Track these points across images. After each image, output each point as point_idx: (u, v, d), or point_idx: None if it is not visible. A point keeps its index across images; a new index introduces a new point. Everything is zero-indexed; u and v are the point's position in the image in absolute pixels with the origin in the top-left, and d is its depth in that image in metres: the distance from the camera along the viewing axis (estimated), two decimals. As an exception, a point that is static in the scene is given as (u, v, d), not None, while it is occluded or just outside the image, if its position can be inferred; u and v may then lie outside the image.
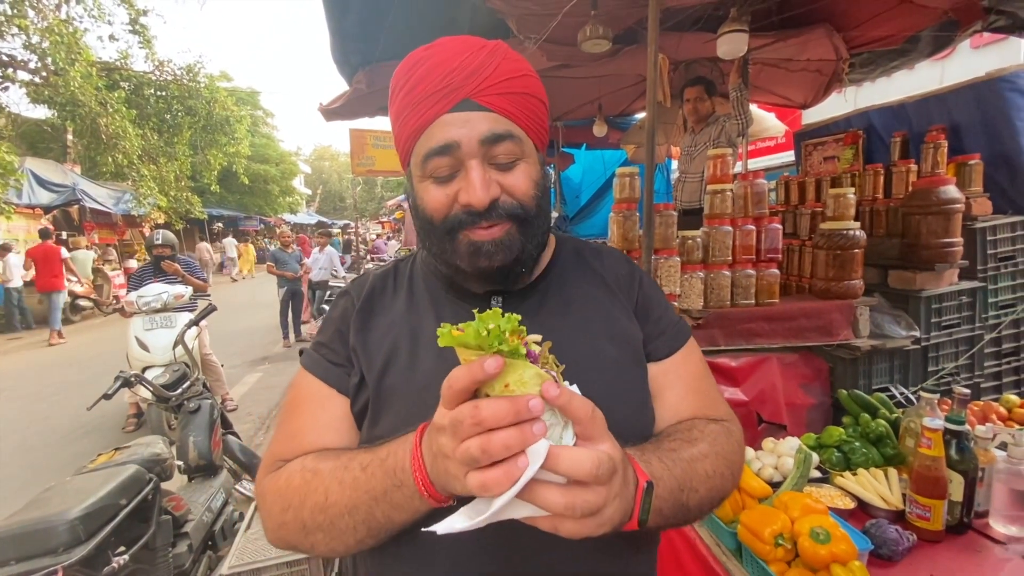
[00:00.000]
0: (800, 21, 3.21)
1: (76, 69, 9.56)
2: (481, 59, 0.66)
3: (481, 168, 0.66)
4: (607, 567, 0.69)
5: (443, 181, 0.67)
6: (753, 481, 1.39)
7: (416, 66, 0.67)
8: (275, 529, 0.68)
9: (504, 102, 0.67)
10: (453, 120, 0.65)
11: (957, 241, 2.32)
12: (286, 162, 24.85)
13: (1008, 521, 1.25)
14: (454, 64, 0.65)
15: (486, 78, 0.65)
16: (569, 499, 0.46)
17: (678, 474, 0.63)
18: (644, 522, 0.55)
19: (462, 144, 0.65)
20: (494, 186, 0.66)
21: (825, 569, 1.08)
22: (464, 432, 0.46)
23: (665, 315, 0.83)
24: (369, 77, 3.42)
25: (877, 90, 4.84)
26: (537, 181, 0.70)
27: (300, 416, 0.74)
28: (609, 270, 0.84)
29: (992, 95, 2.73)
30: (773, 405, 2.18)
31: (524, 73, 0.70)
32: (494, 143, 0.66)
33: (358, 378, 0.73)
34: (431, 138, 0.66)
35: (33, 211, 11.38)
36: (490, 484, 0.45)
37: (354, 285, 0.84)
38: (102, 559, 1.52)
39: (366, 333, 0.76)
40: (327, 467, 0.64)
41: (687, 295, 2.23)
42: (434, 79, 0.65)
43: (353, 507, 0.61)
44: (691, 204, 3.50)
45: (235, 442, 2.98)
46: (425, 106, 0.66)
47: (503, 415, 0.45)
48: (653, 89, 2.21)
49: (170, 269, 4.61)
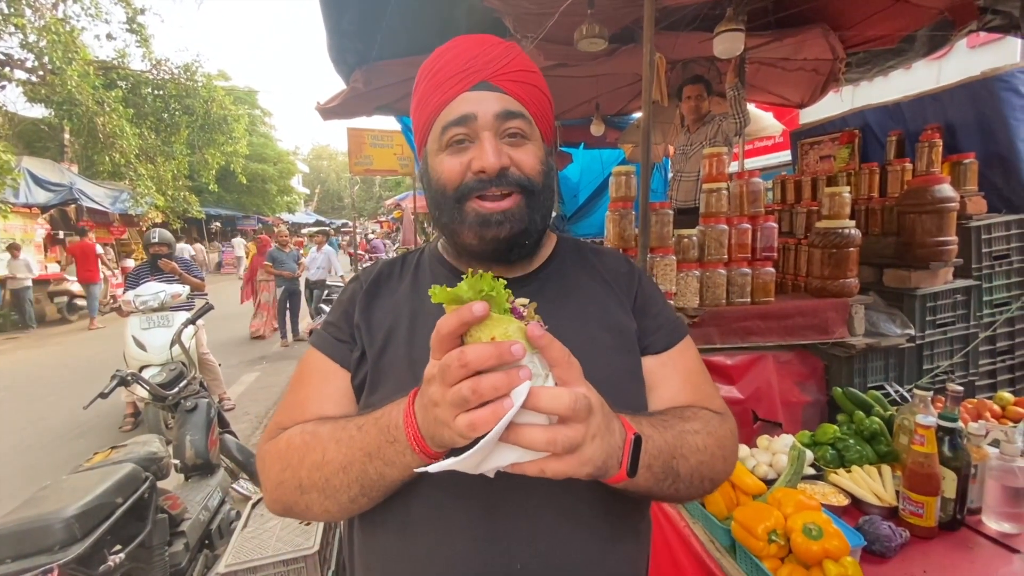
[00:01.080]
0: (796, 20, 3.21)
1: (73, 68, 9.54)
2: (499, 51, 0.75)
3: (494, 139, 0.72)
4: (598, 556, 0.70)
5: (458, 151, 0.73)
6: (747, 478, 1.40)
7: (440, 56, 0.76)
8: (272, 489, 0.71)
9: (517, 88, 0.74)
10: (471, 97, 0.73)
11: (952, 240, 2.33)
12: (284, 161, 24.82)
13: (1001, 518, 1.26)
14: (475, 52, 0.74)
15: (504, 65, 0.74)
16: (550, 435, 0.50)
17: (669, 439, 0.66)
18: (633, 474, 0.58)
19: (478, 116, 0.72)
20: (505, 156, 0.72)
21: (818, 565, 1.08)
22: (452, 376, 0.49)
23: (663, 312, 0.85)
24: (366, 76, 3.42)
25: (874, 89, 4.86)
26: (543, 161, 0.77)
27: (304, 388, 0.79)
28: (608, 267, 0.87)
29: (987, 94, 2.74)
30: (768, 403, 2.18)
31: (535, 71, 0.78)
32: (507, 119, 0.73)
33: (359, 352, 0.77)
34: (451, 112, 0.73)
35: (30, 210, 11.33)
36: (478, 423, 0.48)
37: (364, 271, 0.89)
38: (98, 557, 1.53)
39: (370, 312, 0.80)
40: (326, 429, 0.68)
41: (683, 294, 2.24)
42: (457, 63, 0.73)
43: (348, 463, 0.63)
44: (687, 203, 3.50)
45: (232, 441, 2.98)
46: (448, 85, 0.73)
47: (487, 357, 0.48)
48: (649, 88, 2.21)
49: (167, 268, 4.60)
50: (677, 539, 1.44)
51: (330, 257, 8.29)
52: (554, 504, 0.68)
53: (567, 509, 0.69)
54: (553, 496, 0.68)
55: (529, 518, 0.67)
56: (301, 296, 8.17)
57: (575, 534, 0.69)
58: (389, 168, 9.07)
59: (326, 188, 46.91)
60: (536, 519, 0.67)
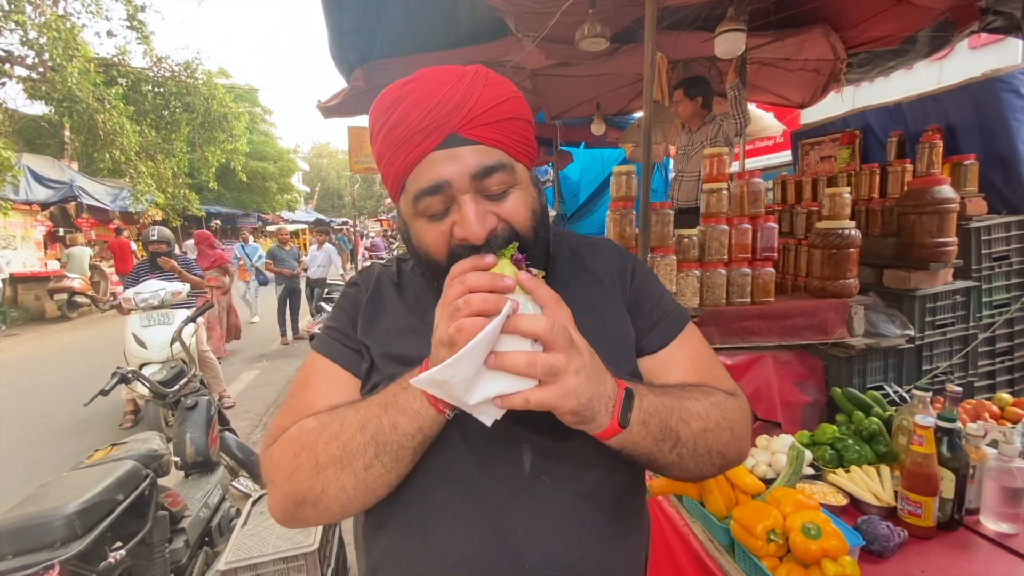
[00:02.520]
0: (798, 20, 3.21)
1: (73, 65, 9.50)
2: (463, 91, 0.64)
3: (474, 202, 0.65)
4: (604, 555, 0.70)
5: (437, 218, 0.67)
6: (746, 477, 1.40)
7: (395, 105, 0.65)
8: (284, 482, 0.67)
9: (491, 132, 0.65)
10: (441, 158, 0.64)
11: (952, 241, 2.33)
12: (284, 159, 24.76)
13: (999, 518, 1.26)
14: (435, 100, 0.63)
15: (470, 110, 0.64)
16: (531, 357, 0.54)
17: (667, 402, 0.66)
18: (624, 423, 0.60)
19: (453, 182, 0.64)
20: (490, 217, 0.66)
21: (816, 564, 1.09)
22: (450, 295, 0.57)
23: (658, 305, 0.82)
24: (367, 74, 3.42)
25: (874, 90, 4.86)
26: (532, 206, 0.70)
27: (311, 391, 0.76)
28: (603, 266, 0.84)
29: (988, 95, 2.74)
30: (768, 403, 2.19)
31: (507, 96, 0.68)
32: (485, 176, 0.65)
33: (368, 364, 0.77)
34: (420, 178, 0.65)
35: (30, 207, 11.33)
36: (466, 326, 0.54)
37: (362, 276, 0.87)
38: (99, 554, 1.53)
39: (374, 325, 0.79)
40: (342, 407, 0.69)
41: (683, 293, 2.24)
42: (416, 117, 0.64)
43: (365, 421, 0.65)
44: (688, 203, 3.50)
45: (232, 439, 2.98)
46: (409, 146, 0.65)
47: (482, 281, 0.56)
48: (650, 88, 2.22)
49: (167, 265, 4.60)
50: (676, 538, 1.45)
51: (330, 255, 8.29)
52: (563, 504, 0.68)
53: (575, 509, 0.69)
54: (562, 496, 0.69)
55: (538, 518, 0.67)
56: (301, 294, 8.16)
57: (582, 533, 0.69)
58: (389, 166, 9.06)
59: (326, 186, 46.85)
60: (545, 519, 0.68)
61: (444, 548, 0.68)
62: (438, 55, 3.30)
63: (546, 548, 0.67)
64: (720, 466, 0.73)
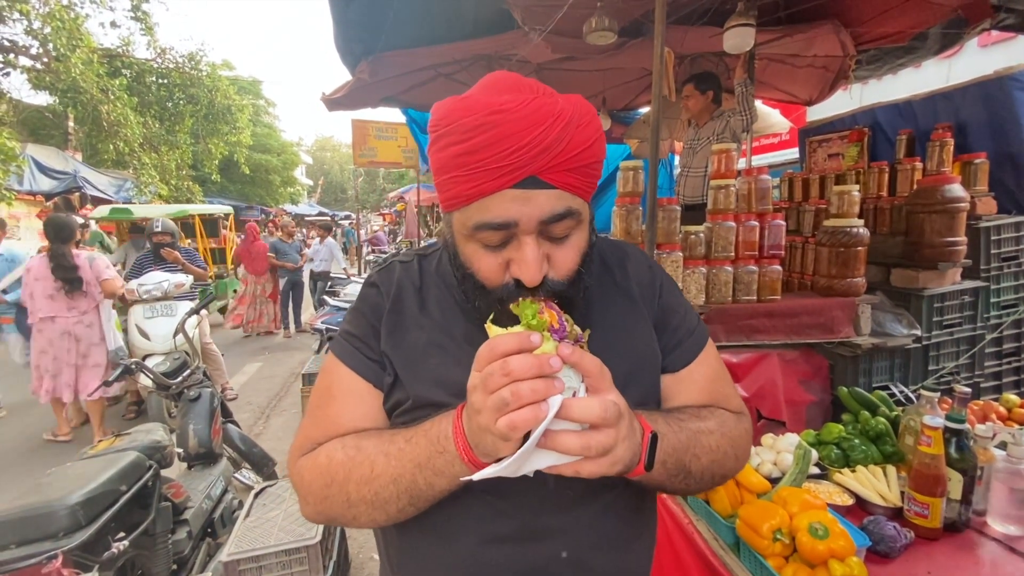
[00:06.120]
0: (807, 16, 3.17)
1: (77, 55, 9.49)
2: (554, 135, 0.60)
3: (536, 245, 0.63)
4: (624, 552, 0.75)
5: (493, 248, 0.65)
6: (752, 477, 1.39)
7: (477, 130, 0.60)
8: (317, 503, 0.72)
9: (570, 178, 0.63)
10: (514, 196, 0.61)
11: (961, 240, 2.31)
12: (288, 152, 24.71)
13: (1006, 520, 1.25)
14: (525, 140, 0.59)
15: (556, 155, 0.60)
16: (584, 440, 0.55)
17: (683, 439, 0.69)
18: (650, 467, 0.62)
19: (521, 223, 0.62)
20: (544, 263, 0.65)
21: (823, 565, 1.08)
22: (494, 383, 0.53)
23: (683, 324, 0.83)
24: (372, 67, 3.39)
25: (883, 88, 4.80)
26: (584, 250, 0.69)
27: (335, 404, 0.76)
28: (632, 277, 0.84)
29: (999, 94, 2.71)
30: (773, 401, 2.18)
31: (594, 140, 0.64)
32: (553, 223, 0.63)
33: (392, 378, 0.75)
34: (487, 210, 0.62)
35: (34, 198, 11.34)
36: (518, 423, 0.52)
37: (382, 278, 0.82)
38: (102, 544, 1.53)
39: (398, 342, 0.76)
40: (370, 444, 0.69)
41: (688, 290, 2.23)
42: (500, 152, 0.59)
43: (398, 476, 0.65)
44: (694, 199, 3.48)
45: (235, 431, 2.99)
46: (485, 178, 0.61)
47: (528, 367, 0.52)
48: (658, 83, 2.19)
49: (170, 257, 4.60)
50: (681, 536, 1.44)
51: (332, 249, 8.30)
52: (588, 515, 0.72)
53: (599, 519, 0.72)
54: (587, 508, 0.72)
55: (565, 529, 0.70)
56: (304, 287, 8.17)
57: (606, 541, 0.73)
58: (393, 160, 9.04)
59: (330, 180, 46.83)
60: (572, 530, 0.71)
61: (465, 543, 0.70)
62: (444, 48, 3.27)
63: (574, 557, 0.70)
64: (719, 484, 0.78)
